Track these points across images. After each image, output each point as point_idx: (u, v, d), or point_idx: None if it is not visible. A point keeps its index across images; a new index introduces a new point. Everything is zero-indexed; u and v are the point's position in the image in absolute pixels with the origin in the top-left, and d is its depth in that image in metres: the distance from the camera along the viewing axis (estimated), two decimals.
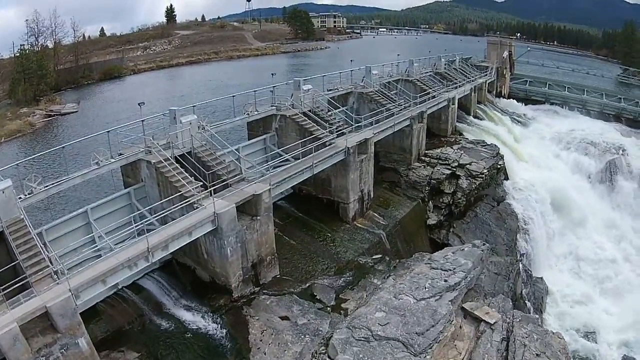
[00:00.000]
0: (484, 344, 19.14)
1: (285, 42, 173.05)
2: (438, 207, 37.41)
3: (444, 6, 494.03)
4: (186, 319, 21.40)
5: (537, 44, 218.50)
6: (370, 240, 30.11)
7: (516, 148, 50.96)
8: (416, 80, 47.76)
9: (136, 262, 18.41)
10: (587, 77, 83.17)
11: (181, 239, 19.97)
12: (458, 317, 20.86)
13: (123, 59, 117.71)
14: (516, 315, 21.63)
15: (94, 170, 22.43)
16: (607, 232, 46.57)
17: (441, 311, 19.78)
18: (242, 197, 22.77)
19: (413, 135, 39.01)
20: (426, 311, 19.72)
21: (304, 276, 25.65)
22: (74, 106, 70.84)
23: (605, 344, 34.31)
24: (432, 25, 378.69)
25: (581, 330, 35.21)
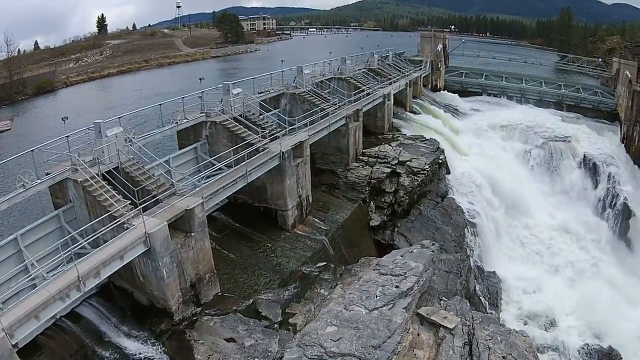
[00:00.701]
0: (445, 350, 18.87)
1: (215, 46, 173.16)
2: (380, 208, 37.37)
3: (373, 3, 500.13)
4: (128, 348, 20.52)
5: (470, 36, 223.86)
6: (312, 248, 29.71)
7: (455, 141, 51.77)
8: (349, 78, 47.77)
9: (68, 294, 17.36)
10: (525, 66, 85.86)
11: (113, 264, 19.03)
12: (415, 324, 20.53)
13: (55, 73, 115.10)
14: (476, 317, 21.57)
15: (20, 193, 21.08)
16: (554, 218, 48.49)
17: (396, 320, 19.16)
18: (173, 213, 21.97)
19: (349, 135, 38.84)
20: (380, 321, 19.11)
21: (247, 292, 25.12)
22: (7, 123, 68.30)
23: (566, 331, 35.80)
24: (362, 22, 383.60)
25: (541, 320, 36.42)
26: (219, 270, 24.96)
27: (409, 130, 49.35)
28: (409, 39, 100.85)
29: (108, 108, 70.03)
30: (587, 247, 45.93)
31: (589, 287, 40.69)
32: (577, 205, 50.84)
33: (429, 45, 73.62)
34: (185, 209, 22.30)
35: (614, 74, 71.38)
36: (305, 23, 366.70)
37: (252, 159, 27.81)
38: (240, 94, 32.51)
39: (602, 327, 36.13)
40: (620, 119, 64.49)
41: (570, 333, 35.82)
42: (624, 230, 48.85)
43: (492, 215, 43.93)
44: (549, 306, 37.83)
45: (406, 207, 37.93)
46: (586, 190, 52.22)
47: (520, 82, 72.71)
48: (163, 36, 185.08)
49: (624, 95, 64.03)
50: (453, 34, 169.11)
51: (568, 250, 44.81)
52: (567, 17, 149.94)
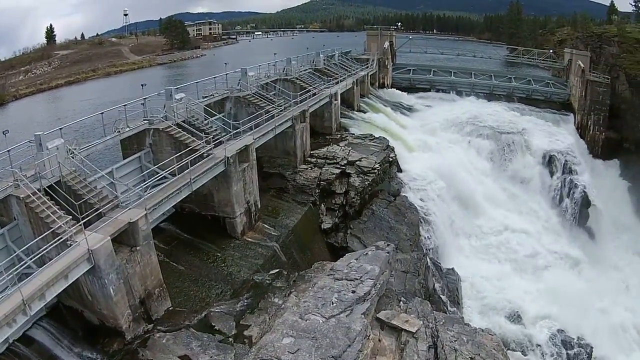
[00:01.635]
0: (409, 355, 18.52)
1: (161, 53, 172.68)
2: (331, 210, 37.10)
3: (319, 5, 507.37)
4: None
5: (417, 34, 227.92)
6: (263, 255, 29.35)
7: (405, 138, 51.82)
8: (295, 79, 47.47)
9: (14, 319, 16.46)
10: (474, 61, 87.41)
11: (57, 284, 18.23)
12: (375, 330, 20.12)
13: (4, 86, 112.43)
14: (439, 318, 21.25)
15: None
16: (510, 210, 49.08)
17: (355, 327, 18.67)
18: (117, 227, 21.33)
19: (296, 136, 38.53)
20: (339, 330, 18.59)
21: (199, 305, 24.60)
22: None
23: (531, 323, 36.14)
24: (308, 24, 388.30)
25: (506, 315, 36.66)
26: (168, 284, 24.47)
27: (357, 129, 49.23)
28: (355, 38, 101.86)
29: (55, 120, 67.33)
30: (546, 238, 46.61)
31: (552, 278, 41.29)
32: (534, 197, 51.72)
33: (375, 43, 73.76)
34: (128, 222, 21.65)
35: (566, 65, 72.98)
36: (252, 27, 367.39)
37: (196, 166, 27.04)
38: (184, 99, 31.93)
39: (569, 318, 36.66)
40: (574, 109, 66.40)
41: (537, 326, 36.19)
42: (584, 219, 49.99)
43: (446, 211, 44.18)
44: (513, 300, 38.10)
45: (358, 207, 37.74)
46: (542, 182, 53.22)
47: (469, 76, 73.93)
48: (111, 45, 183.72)
49: (576, 86, 66.10)
50: (400, 32, 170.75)
51: (526, 243, 45.19)
52: (517, 10, 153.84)
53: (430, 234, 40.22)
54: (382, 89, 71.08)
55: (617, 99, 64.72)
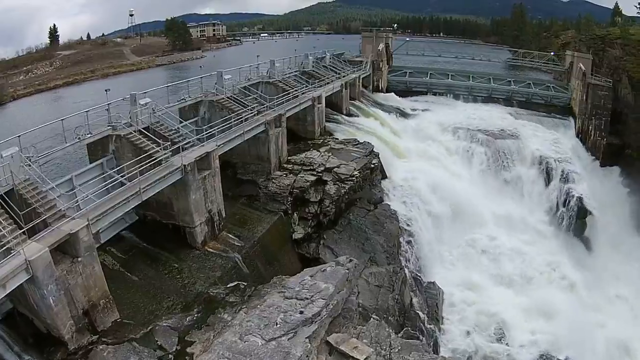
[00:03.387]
0: None
1: (162, 54, 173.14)
2: (305, 219, 35.51)
3: (326, 7, 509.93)
4: None
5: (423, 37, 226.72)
6: (223, 267, 27.97)
7: (395, 143, 50.45)
8: (278, 82, 46.28)
9: None
10: (474, 63, 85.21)
11: None
12: (322, 354, 19.14)
13: (4, 86, 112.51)
14: (395, 344, 20.08)
15: None
16: (501, 221, 47.12)
17: (296, 352, 17.77)
18: (58, 237, 20.69)
19: (270, 142, 37.23)
20: (277, 354, 17.71)
21: (147, 318, 23.47)
22: None
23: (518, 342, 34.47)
24: (315, 26, 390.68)
25: (490, 331, 35.10)
26: (120, 295, 23.90)
27: (343, 134, 47.74)
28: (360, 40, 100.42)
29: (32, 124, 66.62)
30: (539, 250, 44.61)
31: (544, 292, 39.50)
32: (528, 206, 49.71)
33: (370, 45, 72.61)
34: (69, 232, 21.03)
35: (567, 68, 71.60)
36: (259, 28, 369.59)
37: (147, 175, 26.01)
38: (149, 104, 31.03)
39: (559, 337, 34.70)
40: (574, 113, 64.60)
41: (523, 344, 34.41)
42: (580, 229, 47.77)
43: (432, 220, 42.51)
44: (499, 316, 36.38)
45: (333, 217, 36.19)
46: (537, 190, 51.17)
47: (467, 79, 72.50)
48: (114, 45, 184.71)
49: (577, 89, 64.31)
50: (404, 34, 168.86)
51: (517, 255, 43.41)
52: (520, 13, 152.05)
53: (412, 245, 38.54)
54: (376, 92, 70.11)
55: (620, 103, 62.29)
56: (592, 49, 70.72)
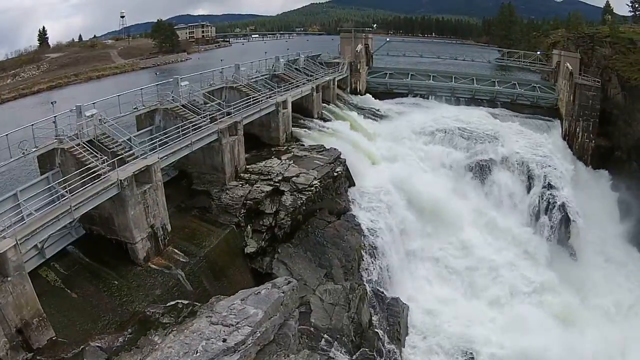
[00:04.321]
0: None
1: (147, 57, 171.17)
2: (259, 232, 33.63)
3: (319, 8, 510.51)
4: None
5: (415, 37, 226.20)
6: (164, 284, 26.68)
7: (367, 148, 48.62)
8: (242, 87, 44.51)
9: None
10: (457, 64, 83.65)
11: None
12: None
13: None
14: None
15: None
16: (478, 230, 45.13)
17: None
18: None
19: (224, 151, 35.44)
20: None
21: (81, 337, 22.58)
22: None
23: None
24: (308, 27, 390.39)
25: (457, 355, 32.78)
26: (57, 312, 23.27)
27: (311, 139, 45.81)
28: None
29: None
30: (518, 261, 42.43)
31: (520, 307, 37.71)
32: (508, 214, 47.22)
33: (349, 46, 70.75)
34: None
35: (554, 68, 69.78)
36: (250, 29, 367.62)
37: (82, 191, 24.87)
38: (95, 115, 29.84)
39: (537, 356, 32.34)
40: (561, 115, 62.68)
41: None
42: (563, 238, 45.27)
43: (402, 230, 40.52)
44: (469, 336, 34.08)
45: (289, 229, 34.25)
46: (518, 196, 48.66)
47: (449, 80, 70.69)
48: (103, 47, 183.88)
49: (564, 89, 62.35)
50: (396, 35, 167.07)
51: (494, 268, 41.23)
52: (508, 11, 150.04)
53: (376, 258, 36.35)
54: (354, 95, 68.19)
55: (609, 103, 60.36)
56: (580, 47, 68.76)
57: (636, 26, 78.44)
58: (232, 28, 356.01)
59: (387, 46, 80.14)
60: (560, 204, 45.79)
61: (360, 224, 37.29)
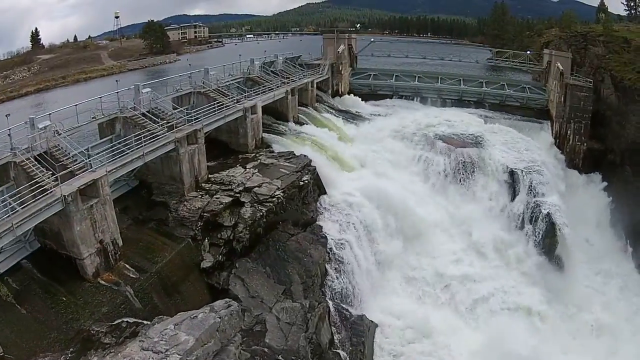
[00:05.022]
0: None
1: (137, 58, 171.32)
2: (216, 245, 31.91)
3: (315, 8, 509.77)
4: None
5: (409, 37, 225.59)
6: (112, 301, 25.76)
7: (343, 153, 46.95)
8: (210, 92, 42.70)
9: None
10: (445, 64, 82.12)
11: None
12: None
13: None
14: None
15: None
16: (457, 241, 43.13)
17: None
18: None
19: (182, 161, 33.78)
20: None
21: (27, 354, 22.21)
22: None
23: None
24: (304, 27, 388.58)
25: None
26: (6, 328, 22.87)
27: (283, 145, 43.94)
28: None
29: None
30: (501, 274, 40.29)
31: (502, 326, 35.05)
32: (489, 223, 44.66)
33: (332, 47, 69.31)
34: None
35: (544, 67, 68.00)
36: (246, 29, 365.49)
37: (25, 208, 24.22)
38: (48, 127, 29.11)
39: None
40: (551, 116, 60.97)
41: None
42: (550, 248, 42.51)
43: (374, 242, 38.59)
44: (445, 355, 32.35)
45: (248, 243, 32.58)
46: (501, 204, 46.21)
47: (436, 81, 69.23)
48: (95, 48, 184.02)
49: (554, 90, 60.59)
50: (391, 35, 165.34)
51: (473, 282, 39.04)
52: (501, 10, 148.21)
53: (342, 273, 34.51)
54: (336, 97, 66.72)
55: (602, 104, 58.45)
56: (573, 47, 67.09)
57: (631, 25, 76.42)
58: (227, 28, 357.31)
59: (372, 46, 78.53)
60: (546, 213, 43.17)
61: (326, 235, 35.57)
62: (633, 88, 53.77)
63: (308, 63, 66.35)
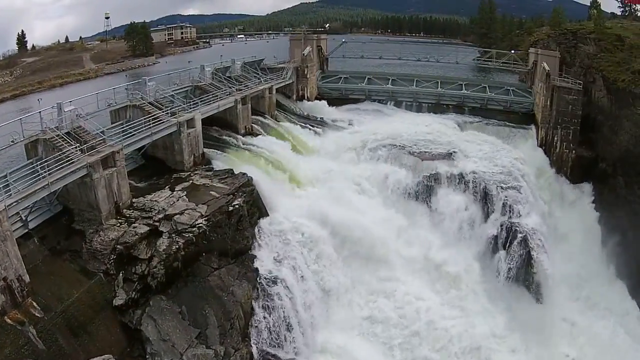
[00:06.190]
0: None
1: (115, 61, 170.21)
2: (131, 281, 28.75)
3: (309, 7, 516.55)
4: None
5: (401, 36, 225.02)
6: (15, 343, 23.70)
7: (295, 168, 43.29)
8: (145, 105, 38.92)
9: None
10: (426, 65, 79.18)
11: None
12: None
13: None
14: None
15: None
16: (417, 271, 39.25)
17: None
18: None
19: (97, 186, 30.25)
20: None
21: None
22: None
23: None
24: (296, 27, 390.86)
25: None
26: None
27: (226, 162, 40.27)
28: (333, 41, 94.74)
29: None
30: (466, 310, 36.36)
31: None
32: (457, 250, 40.55)
33: (299, 49, 66.28)
34: None
35: (530, 68, 64.53)
36: (239, 29, 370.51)
37: None
38: None
39: None
40: (537, 121, 57.32)
41: None
42: (525, 277, 38.33)
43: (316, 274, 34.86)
44: None
45: (164, 278, 29.17)
46: (470, 227, 41.94)
47: (411, 84, 66.11)
48: (81, 50, 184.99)
49: (540, 93, 56.99)
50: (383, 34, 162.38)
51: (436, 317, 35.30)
52: (489, 8, 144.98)
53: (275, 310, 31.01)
54: (303, 103, 63.65)
55: (593, 108, 54.96)
56: (562, 45, 64.11)
57: (625, 21, 72.67)
58: (221, 28, 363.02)
59: (344, 47, 74.68)
60: (523, 236, 38.95)
61: (258, 268, 32.19)
62: (627, 90, 49.68)
63: (271, 67, 63.12)
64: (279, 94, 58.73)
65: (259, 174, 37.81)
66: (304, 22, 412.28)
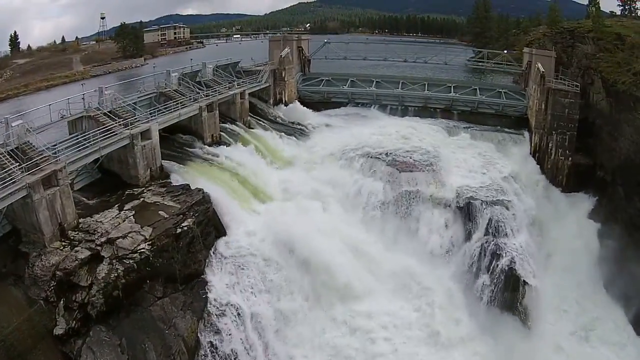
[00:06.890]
0: None
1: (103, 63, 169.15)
2: (71, 309, 26.88)
3: (307, 7, 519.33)
4: None
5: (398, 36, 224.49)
6: None
7: (261, 182, 41.16)
8: (100, 115, 36.48)
9: None
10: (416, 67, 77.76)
11: None
12: None
13: None
14: None
15: None
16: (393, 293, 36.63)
17: None
18: None
19: (38, 208, 28.21)
20: None
21: None
22: None
23: None
24: (294, 27, 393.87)
25: None
26: None
27: (184, 176, 37.63)
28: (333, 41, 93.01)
29: None
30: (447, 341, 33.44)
31: None
32: (435, 273, 37.86)
33: (278, 50, 64.17)
34: None
35: (524, 69, 62.36)
36: (237, 29, 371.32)
37: None
38: None
39: None
40: (530, 126, 54.84)
41: None
42: (511, 302, 35.54)
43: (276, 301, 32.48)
44: None
45: (104, 307, 27.24)
46: (451, 248, 39.53)
47: (396, 86, 64.30)
48: (74, 51, 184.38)
49: (535, 95, 54.57)
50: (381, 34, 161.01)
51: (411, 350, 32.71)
52: (483, 7, 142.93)
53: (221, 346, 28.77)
54: (281, 107, 61.50)
55: (591, 112, 52.36)
56: (558, 45, 61.91)
57: (625, 20, 70.33)
58: (218, 28, 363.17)
59: (326, 48, 72.82)
60: (508, 259, 36.21)
61: (207, 296, 29.91)
62: (628, 93, 46.92)
63: (247, 70, 60.85)
64: (254, 98, 56.92)
65: (218, 190, 35.69)
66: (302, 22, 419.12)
